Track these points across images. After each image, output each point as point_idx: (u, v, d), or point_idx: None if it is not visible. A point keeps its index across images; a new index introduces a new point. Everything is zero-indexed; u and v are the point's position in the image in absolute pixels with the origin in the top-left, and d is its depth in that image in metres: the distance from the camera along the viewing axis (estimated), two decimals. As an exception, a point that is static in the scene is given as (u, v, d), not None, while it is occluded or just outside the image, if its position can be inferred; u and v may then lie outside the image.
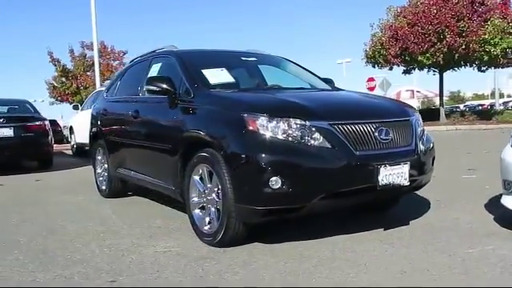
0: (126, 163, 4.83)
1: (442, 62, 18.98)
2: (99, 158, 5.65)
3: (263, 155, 2.84)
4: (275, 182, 2.80)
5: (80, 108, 12.82)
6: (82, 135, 11.80)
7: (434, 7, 18.03)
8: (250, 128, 2.93)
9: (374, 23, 21.75)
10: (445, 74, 21.68)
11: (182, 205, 4.41)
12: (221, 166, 3.06)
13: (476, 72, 21.19)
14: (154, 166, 4.13)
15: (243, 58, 4.50)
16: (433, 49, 18.28)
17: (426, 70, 20.92)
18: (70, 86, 32.14)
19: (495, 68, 21.28)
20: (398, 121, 3.29)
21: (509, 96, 44.45)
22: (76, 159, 11.12)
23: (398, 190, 3.28)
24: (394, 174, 3.05)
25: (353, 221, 3.84)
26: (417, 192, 4.13)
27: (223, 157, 3.03)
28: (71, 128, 12.83)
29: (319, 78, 4.65)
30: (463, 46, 17.86)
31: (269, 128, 2.90)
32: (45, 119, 9.11)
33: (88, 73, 40.92)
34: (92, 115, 5.90)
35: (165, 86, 3.69)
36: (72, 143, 12.76)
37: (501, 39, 18.07)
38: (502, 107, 32.56)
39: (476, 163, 7.10)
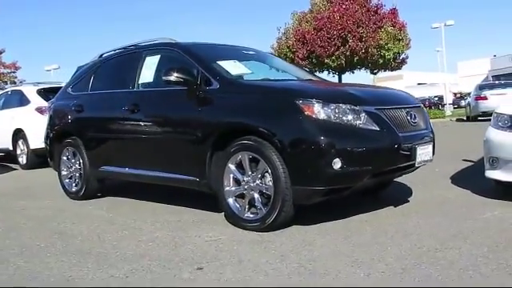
0: (116, 160, 4.59)
1: (344, 65, 20.64)
2: (65, 158, 5.25)
3: (323, 138, 3.03)
4: (336, 163, 3.00)
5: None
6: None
7: (337, 14, 19.53)
8: (307, 113, 3.08)
9: (281, 27, 22.82)
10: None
11: (171, 198, 4.44)
12: (270, 151, 3.17)
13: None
14: (168, 159, 4.02)
15: (244, 52, 4.60)
16: (338, 52, 19.79)
17: (326, 72, 22.54)
18: None
19: (385, 71, 23.76)
20: (416, 106, 3.71)
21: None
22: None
23: (414, 168, 3.69)
24: (424, 153, 3.45)
25: (358, 201, 4.09)
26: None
27: (275, 142, 3.14)
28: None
29: (308, 71, 4.95)
30: (363, 50, 19.65)
31: (324, 113, 3.09)
32: None
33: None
34: (54, 113, 5.45)
35: (187, 76, 3.66)
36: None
37: (393, 44, 20.28)
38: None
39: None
